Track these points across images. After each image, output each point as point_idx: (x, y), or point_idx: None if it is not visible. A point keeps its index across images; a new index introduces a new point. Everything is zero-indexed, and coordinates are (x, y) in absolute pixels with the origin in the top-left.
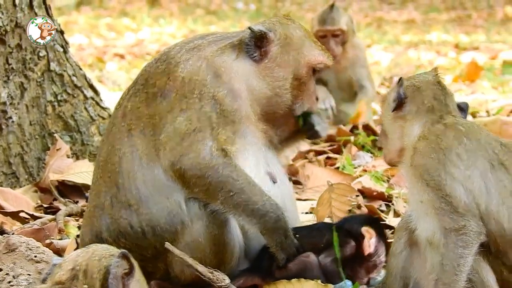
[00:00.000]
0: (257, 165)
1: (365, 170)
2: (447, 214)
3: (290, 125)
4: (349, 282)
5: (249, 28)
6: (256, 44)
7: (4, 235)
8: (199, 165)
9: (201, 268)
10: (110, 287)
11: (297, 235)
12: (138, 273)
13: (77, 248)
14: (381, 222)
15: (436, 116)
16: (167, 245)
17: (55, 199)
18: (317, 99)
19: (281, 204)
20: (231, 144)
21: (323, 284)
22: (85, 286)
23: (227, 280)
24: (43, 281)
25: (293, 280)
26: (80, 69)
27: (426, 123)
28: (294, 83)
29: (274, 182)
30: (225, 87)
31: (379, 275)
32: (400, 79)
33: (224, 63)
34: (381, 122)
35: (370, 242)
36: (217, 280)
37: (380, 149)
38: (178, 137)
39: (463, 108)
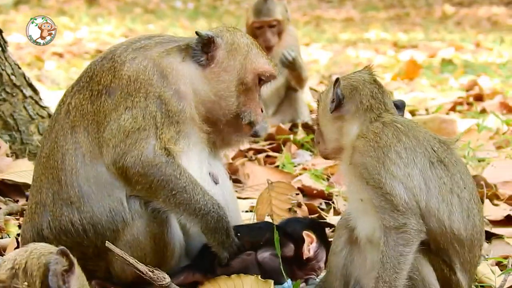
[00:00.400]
0: (200, 165)
1: (304, 169)
2: (387, 212)
3: (236, 129)
4: (290, 282)
5: (196, 32)
6: (203, 50)
7: None
8: (142, 163)
9: (141, 267)
10: (50, 284)
11: (238, 234)
12: (78, 269)
13: (17, 247)
14: (324, 227)
15: (375, 115)
16: (108, 244)
17: None
18: (261, 110)
19: (223, 203)
20: (175, 144)
21: (263, 280)
22: (25, 283)
23: (168, 279)
24: None
25: (233, 276)
26: (19, 68)
27: (365, 122)
28: (240, 88)
29: (216, 182)
30: (171, 88)
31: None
32: (337, 79)
33: (171, 64)
34: (317, 122)
35: (310, 246)
36: (158, 279)
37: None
38: (122, 135)
39: (399, 106)
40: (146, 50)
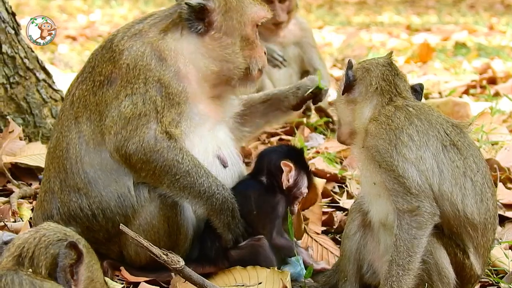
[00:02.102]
0: (206, 149)
1: (318, 152)
2: (400, 195)
3: (247, 79)
4: (301, 261)
5: (186, 3)
6: (197, 18)
7: None
8: (143, 149)
9: (155, 250)
10: (58, 280)
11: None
12: (88, 256)
13: None
14: (302, 152)
15: (386, 98)
16: (122, 226)
17: (8, 182)
18: (264, 53)
19: (231, 186)
20: (176, 126)
21: (279, 271)
22: (30, 270)
23: (182, 262)
24: None
25: (248, 267)
26: (32, 51)
27: (377, 105)
28: (243, 44)
29: (225, 166)
30: (171, 70)
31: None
32: (349, 61)
33: (168, 45)
34: (334, 105)
35: (290, 175)
36: (172, 262)
37: (332, 130)
38: (123, 121)
39: (417, 90)
40: (142, 35)
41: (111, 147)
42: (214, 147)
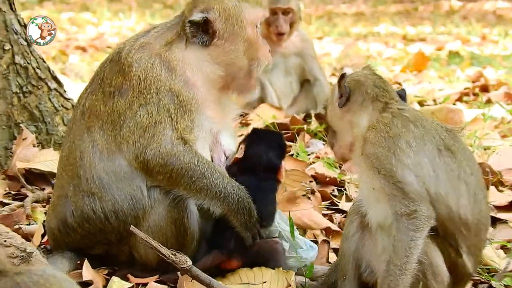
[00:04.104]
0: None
1: (318, 157)
2: (398, 200)
3: (252, 76)
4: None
5: (189, 22)
6: (202, 30)
7: None
8: (161, 154)
9: (164, 250)
10: None
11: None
12: None
13: (44, 233)
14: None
15: (382, 103)
16: (132, 228)
17: (22, 186)
18: (268, 49)
19: None
20: (190, 132)
21: (284, 271)
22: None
23: (189, 262)
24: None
25: (254, 268)
26: (44, 61)
27: (374, 113)
28: (246, 47)
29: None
30: (180, 79)
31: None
32: (342, 75)
33: (176, 56)
34: (329, 124)
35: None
36: (180, 262)
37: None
38: (140, 130)
39: (402, 95)
40: (149, 48)
41: (129, 156)
42: (222, 149)
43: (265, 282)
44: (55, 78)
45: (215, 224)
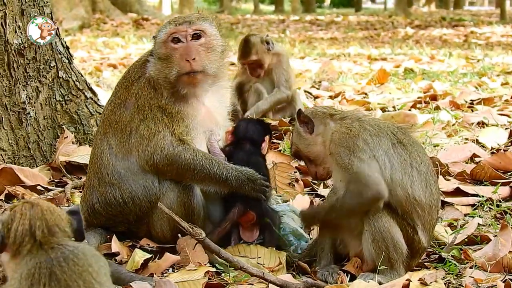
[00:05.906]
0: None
1: None
2: (352, 182)
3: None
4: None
5: (154, 37)
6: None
7: None
8: (166, 156)
9: (184, 224)
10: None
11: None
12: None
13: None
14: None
15: (339, 115)
16: (160, 205)
17: (63, 176)
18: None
19: None
20: (187, 134)
21: (277, 251)
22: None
23: (203, 234)
24: None
25: (251, 245)
26: (82, 76)
27: (336, 123)
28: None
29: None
30: (163, 96)
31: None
32: (299, 111)
33: (150, 74)
34: (303, 155)
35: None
36: (195, 234)
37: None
38: (145, 141)
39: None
40: (145, 68)
41: (141, 161)
42: (215, 145)
43: (259, 257)
44: (91, 89)
45: (229, 195)
